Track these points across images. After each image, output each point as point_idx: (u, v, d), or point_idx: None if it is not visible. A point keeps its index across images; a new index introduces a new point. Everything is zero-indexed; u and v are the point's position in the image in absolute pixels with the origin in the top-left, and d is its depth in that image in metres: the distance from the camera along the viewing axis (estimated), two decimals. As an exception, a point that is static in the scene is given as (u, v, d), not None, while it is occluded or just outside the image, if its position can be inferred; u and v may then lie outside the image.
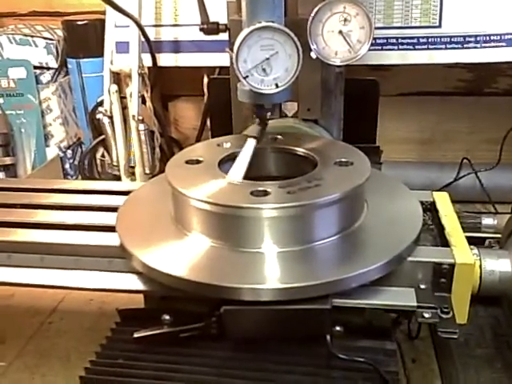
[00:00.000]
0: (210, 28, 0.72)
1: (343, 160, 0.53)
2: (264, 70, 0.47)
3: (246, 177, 0.52)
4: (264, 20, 0.47)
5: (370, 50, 0.86)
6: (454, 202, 0.60)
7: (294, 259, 0.45)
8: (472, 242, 0.51)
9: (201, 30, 0.73)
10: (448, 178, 0.99)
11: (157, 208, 0.55)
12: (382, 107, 0.82)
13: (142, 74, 0.86)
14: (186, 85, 1.06)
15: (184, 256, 0.47)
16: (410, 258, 0.47)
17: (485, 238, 0.68)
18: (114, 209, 0.56)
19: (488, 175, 0.96)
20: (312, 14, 0.64)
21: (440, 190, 0.91)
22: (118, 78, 0.92)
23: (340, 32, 0.64)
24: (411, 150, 1.09)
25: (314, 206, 0.46)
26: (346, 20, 0.64)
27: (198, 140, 1.02)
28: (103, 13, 0.99)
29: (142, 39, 0.90)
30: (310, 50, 0.64)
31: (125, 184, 0.85)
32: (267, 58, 0.47)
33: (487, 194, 0.96)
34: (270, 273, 0.44)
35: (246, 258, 0.45)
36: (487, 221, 0.72)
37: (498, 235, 0.65)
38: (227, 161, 0.56)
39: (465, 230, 0.53)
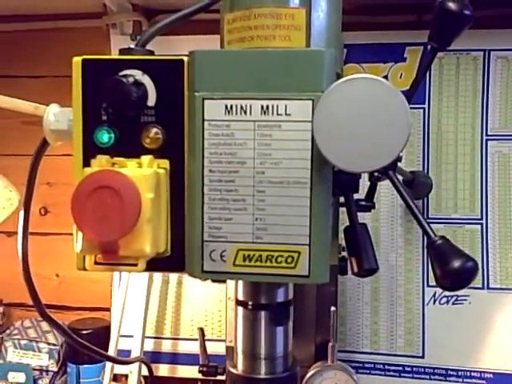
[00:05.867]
0: (209, 371, 0.77)
1: None
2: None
3: None
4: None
5: (358, 372, 0.93)
6: None
7: None
8: None
9: (200, 371, 0.78)
10: None
11: None
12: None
13: (140, 394, 0.90)
14: (179, 383, 1.09)
15: None
16: None
17: None
18: None
19: None
20: (305, 379, 0.69)
21: None
22: (115, 393, 0.94)
23: None
24: None
25: None
26: (336, 384, 0.70)
27: None
28: (108, 309, 1.07)
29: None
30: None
31: None
32: None
33: None
34: None
35: None
36: None
37: None
38: None
39: None
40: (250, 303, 0.49)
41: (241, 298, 0.50)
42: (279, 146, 0.42)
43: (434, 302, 0.92)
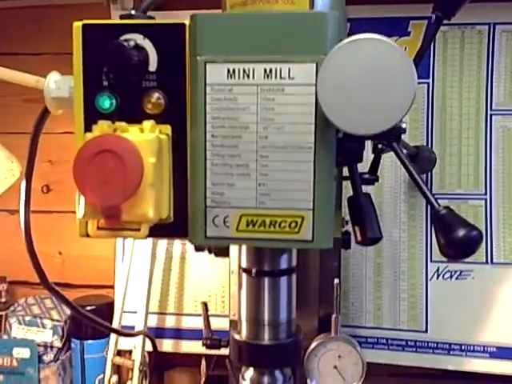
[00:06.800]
0: (213, 343, 0.78)
1: None
2: None
3: None
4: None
5: (361, 347, 0.93)
6: None
7: None
8: None
9: (203, 344, 0.78)
10: None
11: None
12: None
13: (144, 370, 0.90)
14: (183, 359, 1.10)
15: None
16: None
17: None
18: None
19: None
20: (308, 350, 0.69)
21: None
22: (119, 367, 0.95)
23: (335, 367, 0.70)
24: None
25: None
26: (340, 356, 0.70)
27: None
28: (112, 286, 1.07)
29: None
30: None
31: None
32: None
33: None
34: None
35: None
36: None
37: None
38: None
39: None
40: (253, 270, 0.49)
41: (244, 265, 0.50)
42: (282, 111, 0.42)
43: (438, 277, 0.92)
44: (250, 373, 0.53)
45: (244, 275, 0.51)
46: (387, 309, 0.94)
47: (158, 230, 0.44)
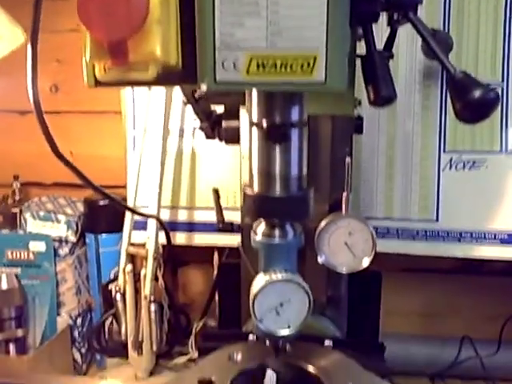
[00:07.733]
0: (225, 227, 0.79)
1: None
2: (278, 312, 0.52)
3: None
4: (278, 269, 0.53)
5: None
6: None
7: None
8: None
9: (216, 229, 0.79)
10: (449, 355, 1.01)
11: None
12: (386, 282, 0.86)
13: (157, 259, 0.92)
14: (196, 254, 1.12)
15: None
16: None
17: None
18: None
19: (490, 358, 0.98)
20: (319, 228, 0.70)
21: (442, 370, 0.94)
22: (133, 258, 0.97)
23: (345, 243, 0.70)
24: (413, 323, 1.12)
25: None
26: (350, 233, 0.70)
27: (205, 313, 1.05)
28: (124, 186, 1.07)
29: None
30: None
31: None
32: (281, 304, 0.52)
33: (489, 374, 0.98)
34: None
35: None
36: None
37: None
38: (239, 379, 0.59)
39: None
40: (264, 122, 0.48)
41: (255, 119, 0.49)
42: None
43: (451, 168, 0.91)
44: (261, 227, 0.53)
45: (254, 129, 0.50)
46: (398, 200, 0.93)
47: (167, 78, 0.43)
